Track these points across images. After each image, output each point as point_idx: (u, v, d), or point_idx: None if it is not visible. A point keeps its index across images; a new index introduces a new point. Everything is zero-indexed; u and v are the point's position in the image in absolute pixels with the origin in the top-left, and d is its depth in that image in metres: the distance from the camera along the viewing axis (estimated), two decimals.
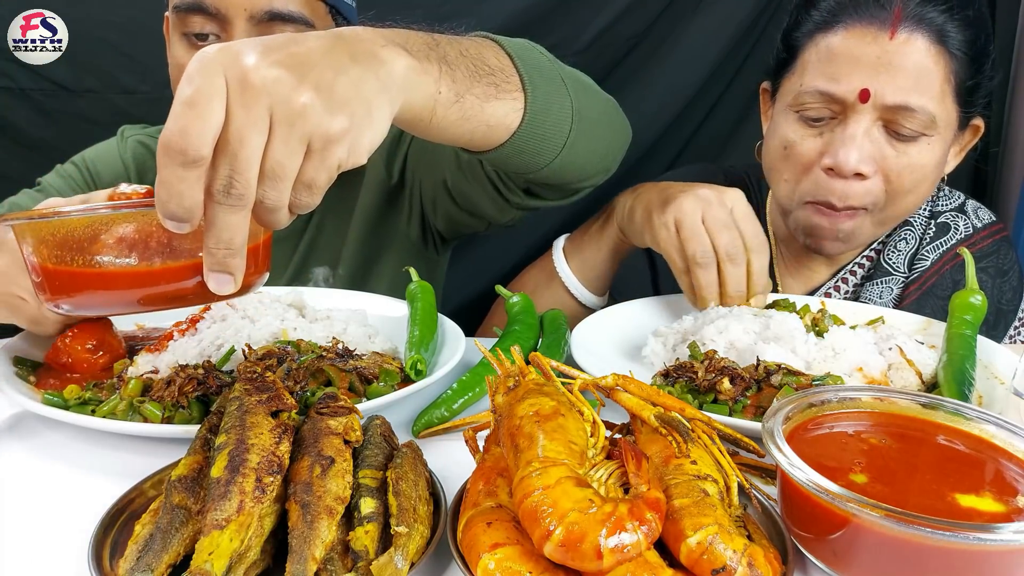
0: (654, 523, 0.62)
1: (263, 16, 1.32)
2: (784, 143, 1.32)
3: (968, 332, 1.08)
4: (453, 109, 0.89)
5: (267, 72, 0.67)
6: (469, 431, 0.83)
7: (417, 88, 0.82)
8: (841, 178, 1.25)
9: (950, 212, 1.49)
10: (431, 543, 0.69)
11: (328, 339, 1.10)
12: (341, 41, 0.75)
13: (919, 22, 1.21)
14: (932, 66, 1.21)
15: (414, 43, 0.84)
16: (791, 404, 0.78)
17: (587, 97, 1.13)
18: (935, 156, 1.26)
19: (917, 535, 0.62)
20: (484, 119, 0.94)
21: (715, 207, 1.15)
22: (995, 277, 1.46)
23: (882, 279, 1.47)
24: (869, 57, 1.21)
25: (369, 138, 0.74)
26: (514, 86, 0.97)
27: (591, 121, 1.12)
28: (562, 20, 2.23)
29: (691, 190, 1.18)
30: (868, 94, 1.21)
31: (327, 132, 0.70)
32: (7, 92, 2.10)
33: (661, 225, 1.17)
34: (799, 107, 1.29)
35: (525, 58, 1.01)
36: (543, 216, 2.44)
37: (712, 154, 2.41)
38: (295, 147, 0.68)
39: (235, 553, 0.62)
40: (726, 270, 1.14)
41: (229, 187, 0.67)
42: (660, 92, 2.34)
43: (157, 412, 0.92)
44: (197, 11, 1.32)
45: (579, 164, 1.14)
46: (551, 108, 1.02)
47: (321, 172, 0.71)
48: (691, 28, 2.29)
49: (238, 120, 0.66)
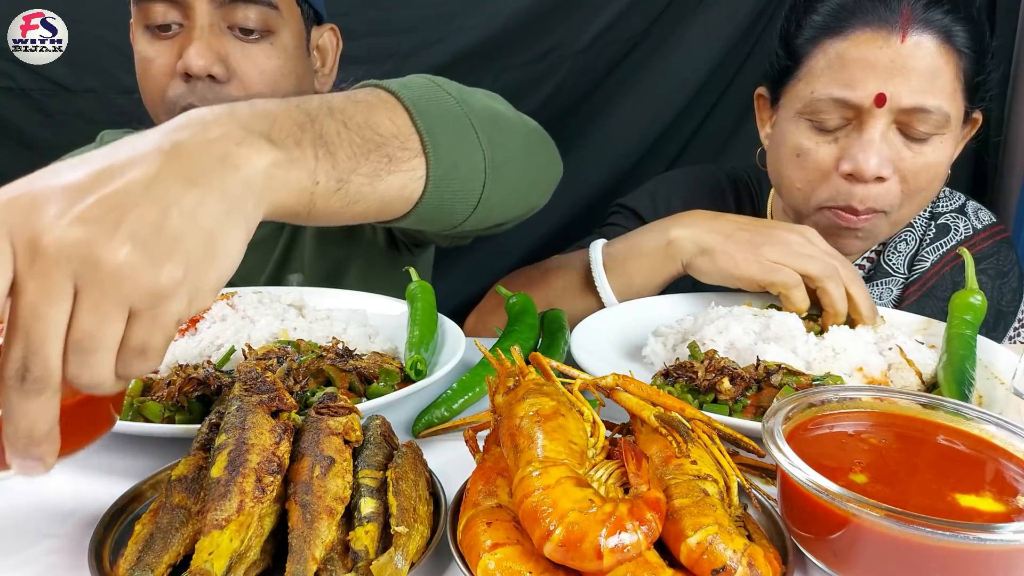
0: (654, 523, 0.62)
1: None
2: (797, 151, 1.31)
3: (968, 332, 1.08)
4: (336, 197, 0.76)
5: (66, 233, 0.54)
6: (469, 431, 0.83)
7: (285, 185, 0.69)
8: (861, 183, 1.25)
9: (950, 213, 1.49)
10: (431, 543, 0.69)
11: (328, 339, 1.10)
12: (175, 158, 0.61)
13: (926, 24, 1.21)
14: (943, 66, 1.21)
15: (282, 127, 0.70)
16: (791, 404, 0.78)
17: (503, 138, 1.00)
18: (947, 153, 1.27)
19: (917, 535, 0.62)
20: (376, 198, 0.82)
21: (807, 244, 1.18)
22: (995, 278, 1.46)
23: (882, 280, 1.47)
24: (882, 61, 1.21)
25: (215, 276, 0.61)
26: (412, 152, 0.85)
27: (509, 167, 1.01)
28: (562, 20, 2.23)
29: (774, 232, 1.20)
30: (884, 98, 1.20)
31: (153, 290, 0.56)
32: (7, 92, 2.10)
33: (772, 269, 1.17)
34: (812, 114, 1.27)
35: (426, 111, 0.88)
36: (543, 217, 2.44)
37: (712, 154, 2.41)
38: (109, 314, 0.55)
39: (235, 553, 0.62)
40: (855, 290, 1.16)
41: (23, 371, 0.54)
42: (660, 92, 2.34)
43: (157, 412, 0.91)
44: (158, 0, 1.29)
45: (500, 211, 1.05)
46: (459, 166, 0.91)
47: (155, 334, 0.58)
48: (691, 28, 2.29)
49: (29, 294, 0.53)
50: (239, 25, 1.31)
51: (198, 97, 1.31)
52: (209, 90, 1.32)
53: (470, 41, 2.22)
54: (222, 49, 1.31)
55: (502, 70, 2.28)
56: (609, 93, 2.36)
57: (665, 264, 1.29)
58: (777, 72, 1.37)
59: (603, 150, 2.38)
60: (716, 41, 2.29)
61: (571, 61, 2.26)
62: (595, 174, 2.40)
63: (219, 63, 1.30)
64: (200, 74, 1.29)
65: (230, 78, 1.32)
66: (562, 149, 1.60)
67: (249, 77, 1.33)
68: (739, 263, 1.19)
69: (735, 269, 1.20)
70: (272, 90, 1.35)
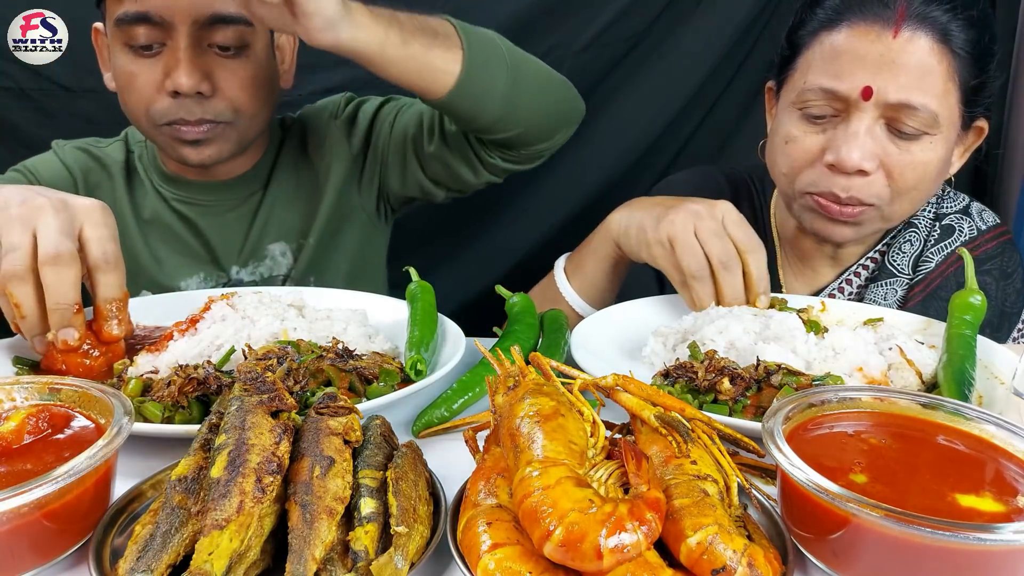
0: (654, 523, 0.62)
1: (206, 21, 1.38)
2: (786, 138, 1.33)
3: (968, 332, 1.08)
4: (400, 49, 1.21)
5: None
6: (469, 431, 0.83)
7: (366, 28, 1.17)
8: (843, 175, 1.26)
9: (955, 214, 1.49)
10: (431, 543, 0.69)
11: (328, 339, 1.10)
12: None
13: (923, 21, 1.21)
14: (935, 65, 1.21)
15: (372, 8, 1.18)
16: (791, 404, 0.78)
17: (527, 63, 1.41)
18: (938, 155, 1.27)
19: (917, 535, 0.62)
20: (428, 61, 1.25)
21: (706, 219, 1.20)
22: (999, 280, 1.46)
23: (886, 281, 1.47)
24: (872, 55, 1.22)
25: None
26: (455, 44, 1.28)
27: (529, 79, 1.39)
28: (562, 20, 2.23)
29: (681, 205, 1.23)
30: (871, 91, 1.21)
31: None
32: (7, 92, 2.10)
33: (656, 243, 1.23)
34: (802, 104, 1.29)
35: (467, 29, 1.31)
36: (543, 217, 2.44)
37: (712, 153, 2.41)
38: None
39: (235, 553, 0.62)
40: (721, 278, 1.19)
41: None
42: (660, 92, 2.34)
43: (157, 412, 0.91)
44: (142, 22, 1.36)
45: (523, 118, 1.41)
46: (489, 62, 1.32)
47: None
48: (691, 28, 2.29)
49: None
50: (218, 43, 1.41)
51: (186, 111, 1.42)
52: (196, 104, 1.42)
53: None
54: (206, 67, 1.41)
55: None
56: (609, 93, 2.36)
57: (603, 247, 1.37)
58: (780, 63, 1.39)
59: (603, 150, 2.38)
60: (715, 41, 2.29)
61: (571, 61, 2.25)
62: (595, 174, 2.39)
63: (205, 80, 1.40)
64: (189, 92, 1.39)
65: (215, 92, 1.43)
66: (562, 149, 1.60)
67: (231, 89, 1.44)
68: (647, 238, 1.24)
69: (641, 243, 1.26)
70: (251, 96, 1.47)
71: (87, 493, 0.71)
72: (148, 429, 0.88)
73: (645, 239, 1.25)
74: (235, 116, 1.46)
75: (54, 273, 0.98)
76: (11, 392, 0.84)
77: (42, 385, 0.84)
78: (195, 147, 1.46)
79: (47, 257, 0.97)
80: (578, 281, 1.43)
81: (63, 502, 0.69)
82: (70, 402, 0.83)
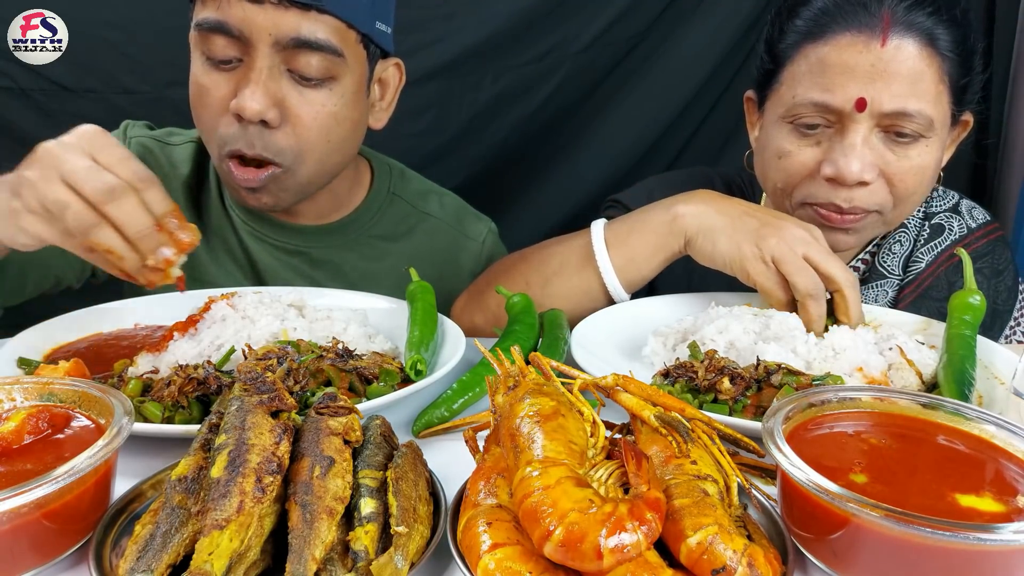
0: (654, 523, 0.62)
1: (288, 43, 1.24)
2: (778, 153, 1.31)
3: (968, 332, 1.08)
4: None
5: None
6: (469, 431, 0.83)
7: None
8: (844, 187, 1.25)
9: (944, 213, 1.49)
10: (431, 543, 0.69)
11: (328, 339, 1.10)
12: None
13: (909, 26, 1.20)
14: (925, 69, 1.21)
15: None
16: (791, 404, 0.78)
17: None
18: (934, 156, 1.26)
19: (917, 535, 0.62)
20: None
21: (812, 244, 1.18)
22: (990, 277, 1.45)
23: (877, 283, 1.46)
24: (863, 66, 1.20)
25: None
26: None
27: None
28: (562, 20, 2.23)
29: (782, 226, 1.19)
30: (865, 103, 1.20)
31: None
32: (7, 92, 2.10)
33: (757, 259, 1.18)
34: (793, 118, 1.27)
35: None
36: (542, 217, 2.45)
37: (711, 153, 2.42)
38: None
39: (235, 553, 0.62)
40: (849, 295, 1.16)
41: None
42: (660, 92, 2.35)
43: (157, 412, 0.92)
44: (219, 31, 1.24)
45: None
46: None
47: None
48: (691, 29, 2.29)
49: None
50: (300, 72, 1.27)
51: (246, 143, 1.28)
52: (258, 136, 1.28)
53: (470, 41, 2.22)
54: (278, 92, 1.27)
55: (502, 70, 2.28)
56: (609, 94, 2.36)
57: (668, 240, 1.26)
58: (762, 76, 1.36)
59: (602, 150, 2.38)
60: (715, 42, 2.29)
61: (571, 61, 2.26)
62: (594, 174, 2.40)
63: (273, 108, 1.26)
64: (252, 119, 1.25)
65: (282, 123, 1.28)
66: (562, 149, 1.60)
67: (301, 124, 1.29)
68: (743, 252, 1.18)
69: (734, 256, 1.19)
70: (321, 136, 1.32)
71: (87, 493, 0.71)
72: (148, 429, 0.88)
73: (741, 256, 1.19)
74: (295, 160, 1.32)
75: (117, 207, 0.93)
76: (11, 392, 0.84)
77: (42, 385, 0.84)
78: (252, 193, 1.34)
79: (100, 196, 0.93)
80: (621, 259, 1.29)
81: (63, 502, 0.69)
82: (70, 402, 0.83)
